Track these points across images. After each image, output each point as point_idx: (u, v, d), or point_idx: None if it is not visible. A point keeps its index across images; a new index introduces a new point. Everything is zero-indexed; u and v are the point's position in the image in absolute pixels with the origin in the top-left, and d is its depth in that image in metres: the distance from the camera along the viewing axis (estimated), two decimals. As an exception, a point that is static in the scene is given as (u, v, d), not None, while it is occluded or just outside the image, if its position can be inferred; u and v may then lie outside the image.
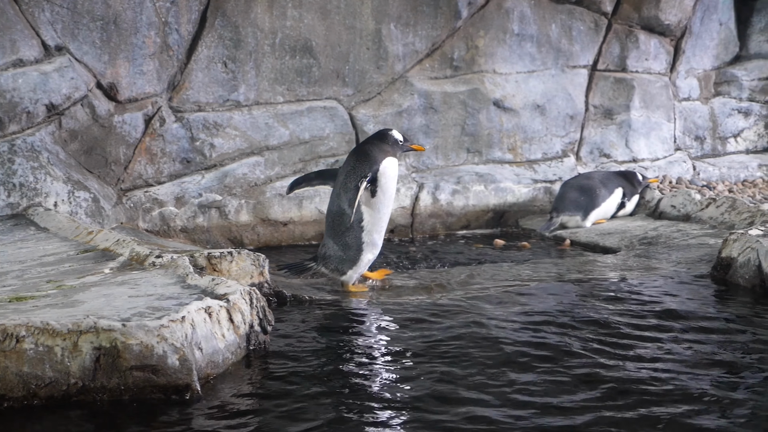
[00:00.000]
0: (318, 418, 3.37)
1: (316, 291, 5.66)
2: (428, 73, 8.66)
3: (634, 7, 9.46)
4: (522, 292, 5.67)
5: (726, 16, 10.27)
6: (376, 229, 5.76)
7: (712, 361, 4.14)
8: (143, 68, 7.39)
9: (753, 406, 3.54)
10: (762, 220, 6.84)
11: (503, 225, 8.82)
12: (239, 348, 3.98)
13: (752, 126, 10.42)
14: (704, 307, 5.23)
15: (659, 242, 7.25)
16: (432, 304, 5.28)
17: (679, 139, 10.08)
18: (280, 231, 7.97)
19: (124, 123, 7.36)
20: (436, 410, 3.46)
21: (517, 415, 3.40)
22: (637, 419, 3.37)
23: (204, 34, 7.63)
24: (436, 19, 8.52)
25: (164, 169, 7.59)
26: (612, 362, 4.10)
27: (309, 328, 4.72)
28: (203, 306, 3.84)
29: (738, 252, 5.86)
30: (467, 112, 8.78)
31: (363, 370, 3.97)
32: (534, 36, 9.09)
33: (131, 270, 4.84)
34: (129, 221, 7.37)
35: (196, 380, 3.52)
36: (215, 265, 5.14)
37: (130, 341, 3.44)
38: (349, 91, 8.29)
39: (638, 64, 9.67)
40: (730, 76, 10.30)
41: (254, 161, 7.91)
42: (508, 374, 3.93)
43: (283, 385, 3.77)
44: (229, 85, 7.79)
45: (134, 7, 7.28)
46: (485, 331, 4.66)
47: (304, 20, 7.97)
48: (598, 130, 9.54)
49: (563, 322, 4.89)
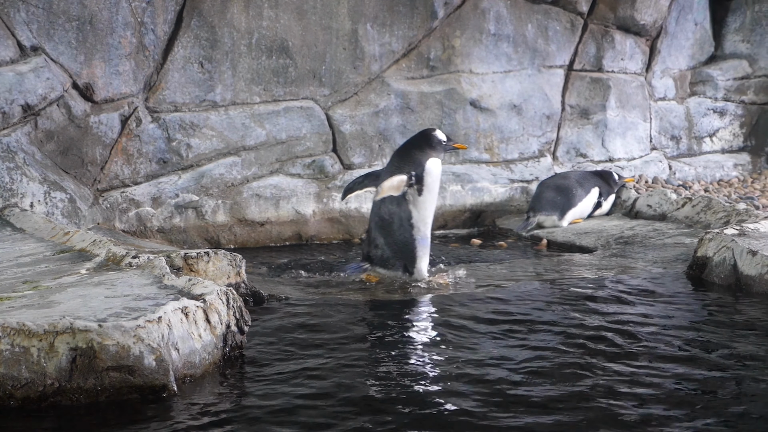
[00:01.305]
0: (295, 419, 3.37)
1: (293, 290, 5.66)
2: (405, 73, 8.67)
3: (610, 7, 9.49)
4: (497, 292, 5.69)
5: (701, 16, 10.32)
6: (423, 224, 5.96)
7: (688, 359, 4.17)
8: (119, 68, 7.37)
9: (730, 403, 3.57)
10: (737, 220, 6.88)
11: (480, 225, 8.84)
12: (216, 348, 3.98)
13: (728, 126, 10.47)
14: (680, 307, 5.27)
15: (635, 242, 7.29)
16: (409, 302, 5.29)
17: (655, 139, 10.13)
18: (257, 231, 7.96)
19: (100, 123, 7.34)
20: (419, 410, 3.47)
21: (497, 414, 3.41)
22: (615, 416, 3.39)
23: (180, 35, 7.61)
24: (412, 19, 8.53)
25: (141, 169, 7.57)
26: (588, 361, 4.12)
27: (286, 328, 4.72)
28: (180, 306, 3.84)
29: (714, 251, 5.90)
30: (444, 112, 8.79)
31: (340, 370, 3.97)
32: (510, 36, 9.10)
33: (108, 270, 4.82)
34: (105, 222, 7.35)
35: (172, 381, 3.52)
36: (192, 265, 5.14)
37: (106, 342, 3.43)
38: (326, 91, 8.29)
39: (614, 64, 9.71)
40: (705, 75, 10.35)
41: (231, 161, 7.89)
42: (480, 373, 3.94)
43: (260, 385, 3.77)
44: (205, 86, 7.77)
45: (110, 8, 7.26)
46: (459, 331, 4.67)
47: (280, 20, 7.96)
48: (574, 129, 9.57)
49: (537, 321, 4.91)
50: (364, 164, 8.43)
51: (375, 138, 8.48)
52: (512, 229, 8.41)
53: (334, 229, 8.23)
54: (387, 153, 8.52)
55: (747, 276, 5.50)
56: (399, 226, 5.94)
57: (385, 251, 6.04)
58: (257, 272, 6.49)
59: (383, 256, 6.05)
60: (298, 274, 6.39)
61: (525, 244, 7.94)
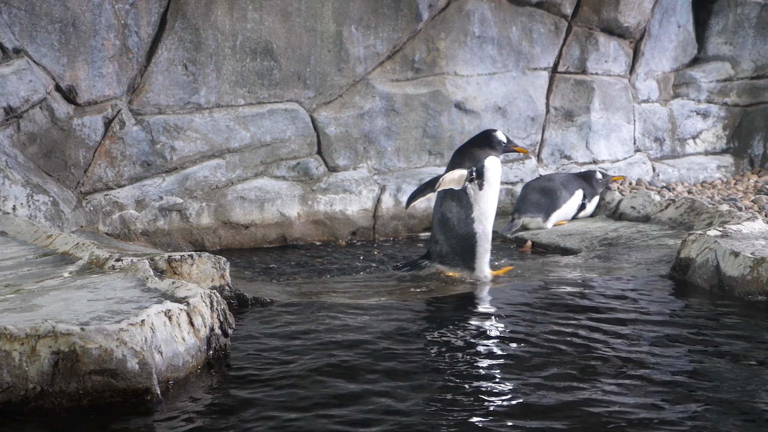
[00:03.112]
0: (278, 422, 3.37)
1: (278, 293, 5.65)
2: (389, 76, 8.67)
3: (594, 9, 9.51)
4: (481, 294, 5.70)
5: (684, 19, 10.35)
6: (485, 219, 6.07)
7: (672, 360, 4.18)
8: (102, 71, 7.35)
9: (711, 402, 3.58)
10: (720, 221, 6.90)
11: (465, 227, 8.84)
12: (200, 351, 3.97)
13: (711, 127, 10.50)
14: (663, 308, 5.28)
15: (619, 243, 7.30)
16: (393, 305, 5.29)
17: (639, 141, 10.15)
18: (241, 234, 7.94)
19: (83, 126, 7.31)
20: (402, 412, 3.47)
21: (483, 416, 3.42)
22: (600, 415, 3.40)
23: (164, 37, 7.59)
24: (396, 22, 8.53)
25: (124, 172, 7.55)
26: (571, 362, 4.13)
27: (270, 331, 4.71)
28: (163, 309, 3.83)
29: (697, 253, 5.92)
30: (429, 114, 8.79)
31: (324, 373, 3.97)
32: (495, 38, 9.11)
33: (91, 274, 4.81)
34: (89, 224, 7.33)
35: (155, 384, 3.51)
36: (176, 268, 5.12)
37: (89, 345, 3.42)
38: (311, 94, 8.28)
39: (598, 66, 9.73)
40: (688, 78, 10.38)
41: (215, 164, 7.88)
42: (467, 372, 3.94)
43: (244, 388, 3.77)
44: (189, 88, 7.76)
45: (93, 10, 7.24)
46: (440, 333, 4.68)
47: (264, 22, 7.95)
48: (558, 131, 9.59)
49: (522, 323, 4.91)
50: (349, 166, 8.43)
51: (360, 140, 8.48)
52: (497, 231, 8.38)
53: (319, 231, 8.22)
54: (372, 155, 8.52)
55: (730, 277, 5.52)
56: (459, 221, 6.05)
57: (443, 247, 6.15)
58: (241, 275, 6.48)
59: (441, 252, 6.18)
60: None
61: (510, 245, 7.94)
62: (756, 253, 5.51)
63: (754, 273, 5.36)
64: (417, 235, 8.57)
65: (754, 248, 5.65)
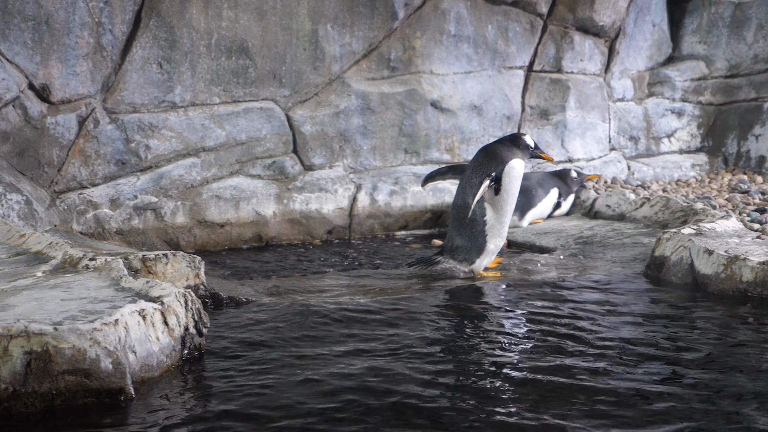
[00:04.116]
0: (253, 421, 3.36)
1: (253, 292, 5.63)
2: (365, 74, 8.66)
3: (569, 8, 9.53)
4: (456, 292, 5.70)
5: (659, 18, 10.39)
6: (498, 223, 6.18)
7: (646, 358, 4.20)
8: (76, 69, 7.30)
9: (683, 400, 3.59)
10: (695, 220, 6.93)
11: (441, 225, 8.83)
12: (174, 351, 3.96)
13: (685, 126, 10.54)
14: (637, 306, 5.31)
15: (594, 241, 7.32)
16: (369, 303, 5.29)
17: (614, 140, 10.18)
18: (217, 233, 7.92)
19: (57, 124, 7.27)
20: (378, 410, 3.47)
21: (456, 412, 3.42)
22: (574, 414, 3.40)
23: (138, 35, 7.55)
24: (372, 20, 8.52)
25: (99, 170, 7.51)
26: (546, 358, 4.14)
27: (245, 330, 4.70)
28: (137, 309, 3.81)
29: (671, 251, 5.95)
30: (405, 113, 8.78)
31: (299, 372, 3.96)
32: (471, 37, 9.12)
33: (64, 273, 4.78)
34: (63, 224, 7.29)
35: (129, 384, 3.49)
36: (150, 267, 5.10)
37: (62, 345, 3.40)
38: (286, 92, 8.26)
39: (573, 65, 9.75)
40: (663, 76, 10.42)
41: (190, 162, 7.85)
42: (434, 371, 3.95)
43: (219, 387, 3.76)
44: (164, 86, 7.72)
45: (66, 8, 7.19)
46: (415, 331, 4.68)
47: (240, 21, 7.92)
48: (534, 130, 9.60)
49: (497, 320, 4.92)
50: (325, 165, 8.41)
51: (335, 139, 8.46)
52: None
53: (295, 230, 8.20)
54: (348, 154, 8.51)
55: (703, 275, 5.55)
56: (473, 219, 6.12)
57: (456, 242, 6.23)
58: (217, 274, 6.47)
59: (452, 246, 6.26)
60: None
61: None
62: (730, 251, 5.54)
63: (728, 271, 5.39)
64: (393, 233, 8.57)
65: (727, 246, 5.69)
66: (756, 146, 10.20)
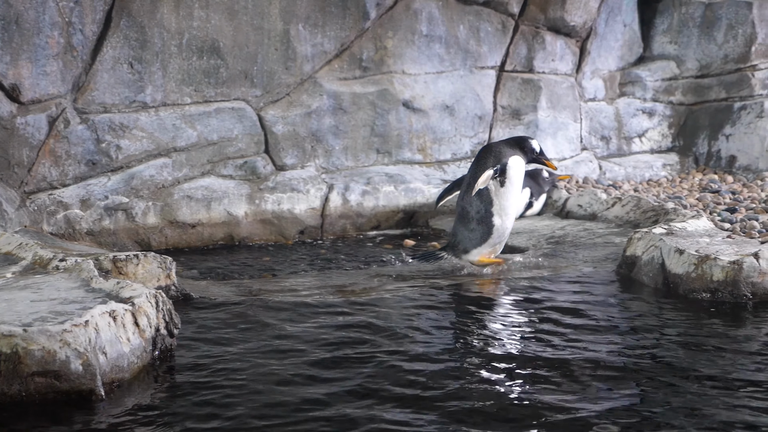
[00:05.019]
0: (224, 422, 3.35)
1: (225, 293, 5.62)
2: (337, 74, 8.65)
3: (541, 8, 9.56)
4: (426, 293, 5.70)
5: (630, 18, 10.44)
6: (503, 214, 6.26)
7: (617, 356, 4.22)
8: (47, 69, 7.26)
9: (653, 401, 3.61)
10: (666, 219, 6.97)
11: (413, 225, 8.84)
12: (145, 352, 3.94)
13: (656, 126, 10.60)
14: (609, 305, 5.33)
15: (566, 241, 7.35)
16: (340, 303, 5.29)
17: (586, 139, 10.22)
18: (188, 233, 7.89)
19: (27, 125, 7.22)
20: (347, 412, 3.47)
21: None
22: (543, 414, 3.42)
23: (109, 35, 7.51)
24: (344, 20, 8.52)
25: (69, 171, 7.46)
26: (518, 358, 4.15)
27: (216, 331, 4.69)
28: (107, 310, 3.80)
29: (642, 250, 5.97)
30: (377, 113, 8.79)
31: (271, 371, 3.95)
32: (442, 37, 9.13)
33: (34, 274, 4.76)
34: (33, 224, 7.24)
35: (100, 385, 3.48)
36: (121, 268, 5.08)
37: (31, 347, 3.38)
38: (258, 92, 8.24)
39: (545, 65, 9.78)
40: (634, 76, 10.47)
41: (162, 163, 7.82)
42: (396, 374, 3.95)
43: (189, 388, 3.74)
44: (135, 86, 7.69)
45: (37, 7, 7.14)
46: (385, 331, 4.69)
47: (211, 21, 7.90)
48: (506, 130, 9.62)
49: (469, 321, 4.93)
50: (297, 165, 8.40)
51: (307, 139, 8.45)
52: (445, 230, 8.43)
53: (267, 230, 8.18)
54: (319, 154, 8.50)
55: (674, 274, 5.57)
56: (478, 213, 6.23)
57: (459, 237, 6.35)
58: (188, 275, 6.45)
59: (455, 242, 6.38)
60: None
61: (457, 244, 7.95)
62: (700, 250, 5.57)
63: (699, 270, 5.42)
64: (365, 233, 8.57)
65: (698, 246, 5.72)
66: (726, 146, 10.26)
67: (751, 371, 4.04)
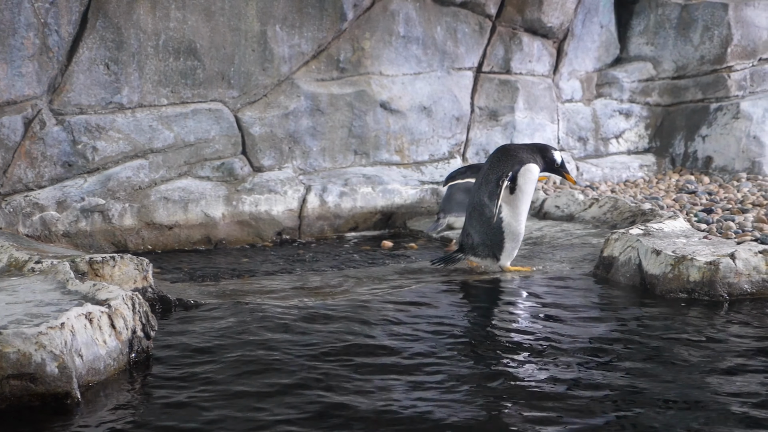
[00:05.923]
0: (201, 423, 3.34)
1: (202, 295, 5.60)
2: (315, 75, 8.64)
3: (518, 9, 9.59)
4: (405, 294, 5.70)
5: (606, 19, 10.48)
6: (514, 221, 6.23)
7: (590, 355, 4.23)
8: (22, 70, 7.22)
9: (630, 400, 3.63)
10: (642, 220, 7.00)
11: (391, 226, 8.85)
12: (121, 354, 3.92)
13: (633, 127, 10.65)
14: (585, 306, 5.34)
15: (544, 242, 7.36)
16: (315, 305, 5.28)
17: (563, 140, 10.25)
18: (165, 235, 7.86)
19: (2, 126, 7.18)
20: (324, 413, 3.46)
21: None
22: (524, 416, 3.42)
23: (85, 36, 7.48)
24: (321, 21, 8.51)
25: (45, 173, 7.43)
26: (497, 361, 4.15)
27: (193, 333, 4.67)
28: (84, 312, 3.78)
29: (619, 251, 5.99)
30: (354, 114, 8.78)
31: (247, 374, 3.94)
32: (420, 38, 9.14)
33: (9, 276, 4.73)
34: (9, 226, 7.20)
35: (76, 388, 3.46)
36: (97, 270, 5.05)
37: (6, 349, 3.36)
38: (235, 93, 8.23)
39: (522, 66, 9.80)
40: (611, 77, 10.51)
41: (138, 164, 7.79)
42: (371, 376, 3.95)
43: (166, 390, 3.73)
44: (111, 88, 7.65)
45: (12, 8, 7.10)
46: (361, 333, 4.68)
47: (188, 22, 7.88)
48: (483, 131, 9.64)
49: (445, 323, 4.93)
50: (274, 166, 8.39)
51: (285, 140, 8.44)
52: (423, 231, 8.44)
53: (244, 232, 8.17)
54: (297, 155, 8.49)
55: (651, 275, 5.59)
56: (489, 216, 6.17)
57: (474, 239, 6.30)
58: (165, 277, 6.42)
59: (473, 244, 6.33)
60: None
61: (435, 245, 7.97)
62: (677, 251, 5.59)
63: (675, 271, 5.44)
64: (343, 235, 8.56)
65: (675, 246, 5.74)
66: (703, 147, 10.32)
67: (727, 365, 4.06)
